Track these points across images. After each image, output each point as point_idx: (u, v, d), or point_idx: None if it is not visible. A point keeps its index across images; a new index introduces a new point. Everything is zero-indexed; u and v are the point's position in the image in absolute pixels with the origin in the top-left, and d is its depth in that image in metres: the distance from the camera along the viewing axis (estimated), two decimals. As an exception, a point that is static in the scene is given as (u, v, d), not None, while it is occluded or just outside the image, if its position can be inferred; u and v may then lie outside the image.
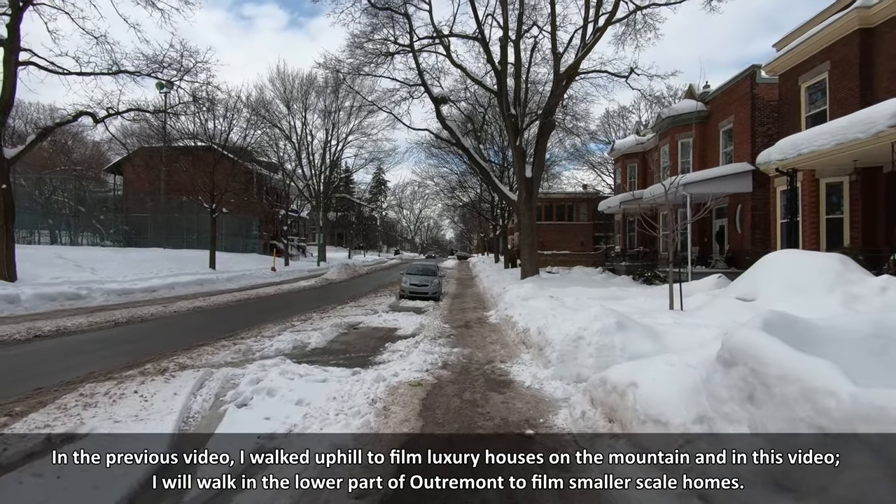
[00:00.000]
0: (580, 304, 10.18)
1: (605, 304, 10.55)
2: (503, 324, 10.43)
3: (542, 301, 10.25)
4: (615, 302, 10.62)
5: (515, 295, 12.17)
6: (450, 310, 14.67)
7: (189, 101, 17.98)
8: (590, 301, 10.59)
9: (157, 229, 40.32)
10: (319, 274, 31.57)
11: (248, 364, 6.39)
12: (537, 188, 19.34)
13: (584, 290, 12.65)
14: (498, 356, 7.41)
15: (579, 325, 5.64)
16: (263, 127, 26.26)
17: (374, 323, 11.22)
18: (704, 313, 7.59)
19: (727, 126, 19.48)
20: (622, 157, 28.91)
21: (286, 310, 13.63)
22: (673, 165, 21.85)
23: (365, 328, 10.51)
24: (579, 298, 10.85)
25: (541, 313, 8.30)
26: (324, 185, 41.70)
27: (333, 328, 9.93)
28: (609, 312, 5.81)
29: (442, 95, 17.40)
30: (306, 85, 39.41)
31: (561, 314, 7.58)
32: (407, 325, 10.93)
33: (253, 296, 18.30)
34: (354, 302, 16.25)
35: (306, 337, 8.73)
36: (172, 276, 20.60)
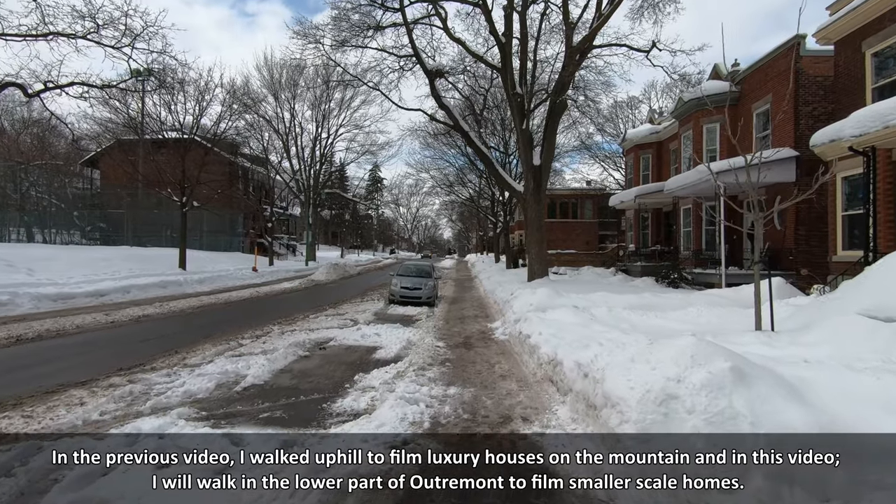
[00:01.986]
0: (617, 317, 7.76)
1: (648, 317, 8.12)
2: (515, 343, 7.99)
3: (565, 313, 7.82)
4: (657, 314, 8.20)
5: (527, 303, 9.75)
6: (446, 319, 12.23)
7: (146, 76, 15.43)
8: (627, 312, 8.18)
9: (136, 226, 37.86)
10: (306, 275, 29.09)
11: (125, 423, 3.94)
12: (546, 178, 16.93)
13: (609, 296, 10.24)
14: (517, 407, 4.95)
15: (666, 372, 3.23)
16: (240, 110, 23.71)
17: (348, 339, 8.77)
18: (818, 338, 5.19)
19: (763, 107, 17.09)
20: (635, 148, 26.49)
21: (245, 320, 11.19)
22: (697, 154, 19.42)
23: (334, 348, 8.05)
24: (612, 309, 8.42)
25: (574, 334, 5.90)
26: (314, 179, 39.17)
27: (291, 349, 7.48)
28: (712, 349, 3.39)
29: (437, 68, 14.95)
30: (295, 74, 36.86)
31: (614, 341, 5.16)
32: (390, 343, 8.49)
33: (220, 301, 15.82)
34: (334, 309, 13.79)
35: (245, 366, 6.28)
36: (131, 277, 18.14)
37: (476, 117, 18.64)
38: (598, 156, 39.56)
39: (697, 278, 16.66)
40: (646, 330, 6.82)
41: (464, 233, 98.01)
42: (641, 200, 22.03)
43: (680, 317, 8.17)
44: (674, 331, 6.53)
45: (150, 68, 15.40)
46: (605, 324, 7.18)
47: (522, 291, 11.20)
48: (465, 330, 10.37)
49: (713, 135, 19.18)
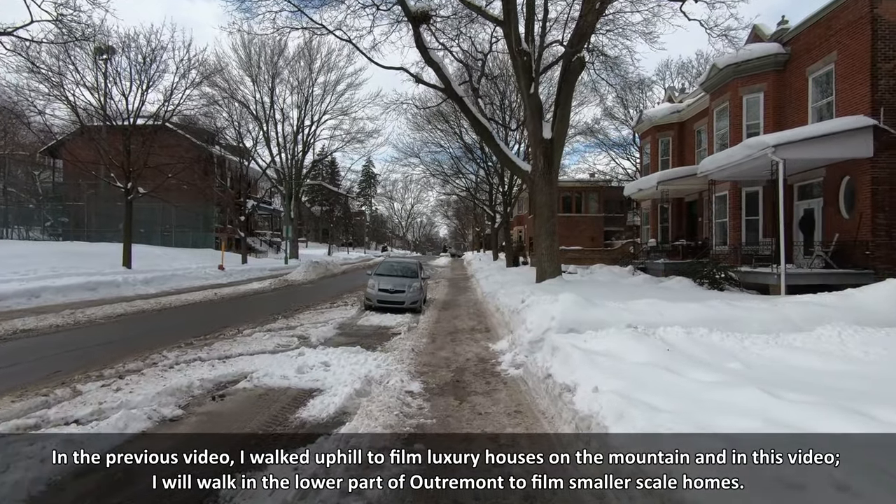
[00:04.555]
0: (705, 344, 4.62)
1: (755, 344, 4.97)
2: (538, 391, 4.81)
3: (620, 339, 4.71)
4: (769, 339, 5.07)
5: (548, 315, 6.64)
6: (432, 335, 9.06)
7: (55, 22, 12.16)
8: (715, 336, 5.05)
9: (99, 220, 34.54)
10: (281, 274, 25.89)
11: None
12: (560, 154, 13.76)
13: (660, 305, 7.10)
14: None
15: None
16: (199, 81, 20.38)
17: (273, 376, 5.61)
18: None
19: (822, 69, 13.98)
20: (652, 130, 23.40)
21: (146, 339, 8.02)
22: (735, 129, 16.32)
23: (238, 399, 4.89)
24: (689, 331, 5.24)
25: (669, 394, 2.76)
26: (295, 169, 35.87)
27: (151, 407, 4.29)
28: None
29: (423, 11, 11.75)
30: (274, 54, 33.54)
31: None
32: (337, 384, 5.35)
33: (154, 307, 12.65)
34: (287, 319, 10.61)
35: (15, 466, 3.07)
36: (51, 277, 14.91)
37: (472, 86, 15.47)
38: (605, 143, 36.42)
39: (744, 278, 13.55)
40: (787, 377, 3.74)
41: (460, 230, 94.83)
42: (664, 187, 18.91)
43: (811, 344, 5.05)
44: (847, 384, 3.43)
45: (59, 16, 12.08)
46: (699, 361, 4.08)
47: (536, 298, 8.04)
48: (457, 355, 7.20)
49: (755, 106, 16.08)
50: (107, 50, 23.64)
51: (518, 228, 44.85)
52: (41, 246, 18.61)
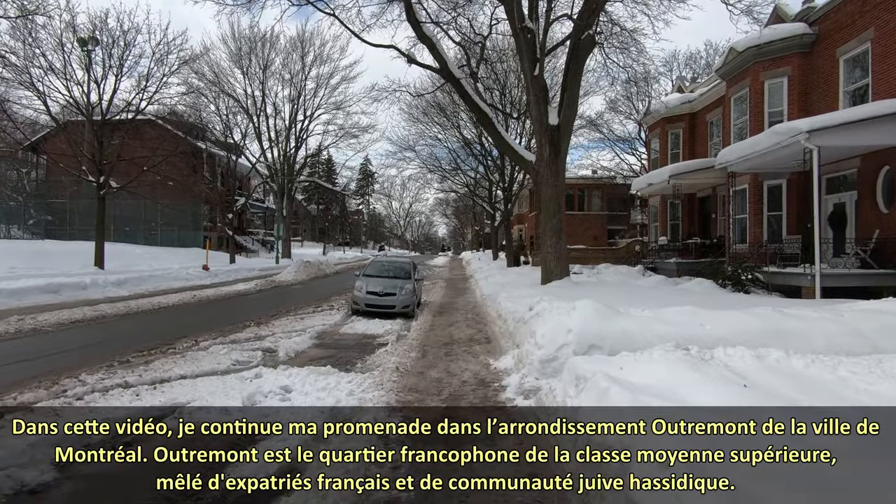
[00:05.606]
0: (792, 375, 3.31)
1: (843, 374, 3.68)
2: (564, 444, 3.49)
3: (669, 366, 3.36)
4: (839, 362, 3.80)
5: (564, 327, 5.39)
6: (422, 349, 7.76)
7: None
8: (794, 361, 3.75)
9: (82, 218, 33.20)
10: (270, 274, 24.58)
11: None
12: (567, 141, 12.47)
13: (700, 313, 5.82)
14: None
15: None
16: (177, 64, 18.97)
17: (213, 410, 4.34)
18: None
19: (856, 49, 12.71)
20: (661, 122, 22.11)
21: (83, 352, 6.74)
22: (755, 118, 15.03)
23: (147, 448, 3.56)
24: (762, 357, 3.94)
25: None
26: (288, 165, 34.54)
27: (14, 464, 2.96)
28: None
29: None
30: (265, 46, 32.16)
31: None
32: (296, 421, 4.01)
33: (121, 311, 11.38)
34: (259, 327, 9.31)
35: None
36: (8, 278, 13.63)
37: (471, 70, 14.18)
38: (608, 138, 35.08)
39: (771, 279, 12.26)
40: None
41: (459, 229, 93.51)
42: (677, 181, 17.59)
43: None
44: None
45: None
46: (796, 405, 2.76)
47: (547, 304, 6.74)
48: (452, 376, 5.89)
49: (778, 93, 14.78)
50: (89, 41, 22.34)
51: (518, 227, 43.54)
52: (9, 244, 17.30)
